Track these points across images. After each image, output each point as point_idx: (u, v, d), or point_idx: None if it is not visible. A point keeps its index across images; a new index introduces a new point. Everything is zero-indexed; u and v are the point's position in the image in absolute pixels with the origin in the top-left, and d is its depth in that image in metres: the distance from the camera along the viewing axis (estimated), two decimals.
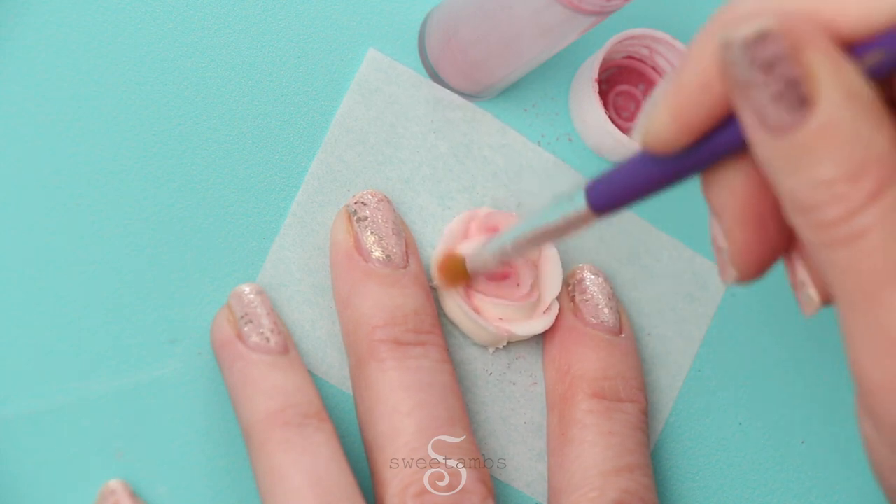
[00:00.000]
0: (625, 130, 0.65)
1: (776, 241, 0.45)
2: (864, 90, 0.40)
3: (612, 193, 0.47)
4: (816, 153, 0.40)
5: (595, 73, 0.62)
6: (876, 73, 0.41)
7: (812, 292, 0.46)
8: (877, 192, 0.40)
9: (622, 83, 0.66)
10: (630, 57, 0.65)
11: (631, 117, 0.66)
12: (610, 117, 0.64)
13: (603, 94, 0.65)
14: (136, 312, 0.57)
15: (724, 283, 0.47)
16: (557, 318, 0.61)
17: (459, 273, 0.58)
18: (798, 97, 0.40)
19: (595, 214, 0.48)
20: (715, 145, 0.43)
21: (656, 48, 0.65)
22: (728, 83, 0.41)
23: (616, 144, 0.63)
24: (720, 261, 0.46)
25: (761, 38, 0.40)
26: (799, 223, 0.41)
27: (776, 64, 0.40)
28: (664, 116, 0.43)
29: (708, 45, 0.42)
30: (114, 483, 0.55)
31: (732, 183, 0.44)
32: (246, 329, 0.56)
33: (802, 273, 0.46)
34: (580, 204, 0.48)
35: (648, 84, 0.66)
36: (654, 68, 0.66)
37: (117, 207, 0.57)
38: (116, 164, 0.58)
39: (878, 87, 0.41)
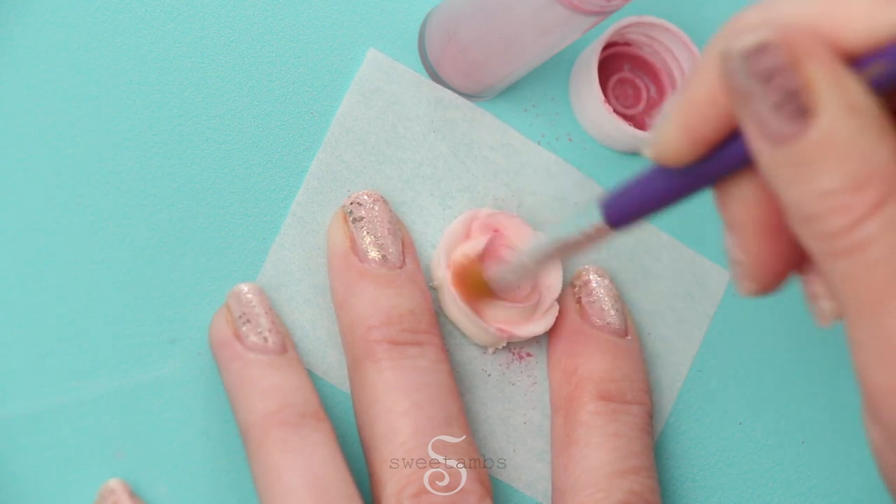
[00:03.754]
0: (624, 118, 0.65)
1: (791, 254, 0.45)
2: (865, 101, 0.40)
3: (626, 207, 0.48)
4: (818, 163, 0.40)
5: (595, 61, 0.63)
6: (878, 85, 0.41)
7: (826, 304, 0.46)
8: (879, 202, 0.40)
9: (622, 71, 0.66)
10: (629, 44, 0.65)
11: (630, 105, 0.66)
12: (610, 104, 0.64)
13: (602, 82, 0.65)
14: (136, 312, 0.57)
15: (741, 296, 0.47)
16: (563, 320, 0.61)
17: (481, 285, 0.59)
18: (798, 108, 0.40)
19: (611, 228, 0.49)
20: (725, 158, 0.44)
21: (655, 35, 0.65)
22: (729, 93, 0.41)
23: (616, 132, 0.63)
24: (736, 274, 0.46)
25: (760, 48, 0.40)
26: (802, 233, 0.41)
27: (775, 74, 0.40)
28: (674, 130, 0.43)
29: (715, 58, 0.42)
30: (113, 483, 0.55)
31: (745, 196, 0.44)
32: (244, 329, 0.56)
33: (817, 285, 0.46)
34: (596, 218, 0.49)
35: (648, 71, 0.66)
36: (653, 55, 0.66)
37: (117, 207, 0.58)
38: (116, 164, 0.58)
39: (881, 100, 0.41)
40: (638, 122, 0.65)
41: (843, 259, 0.40)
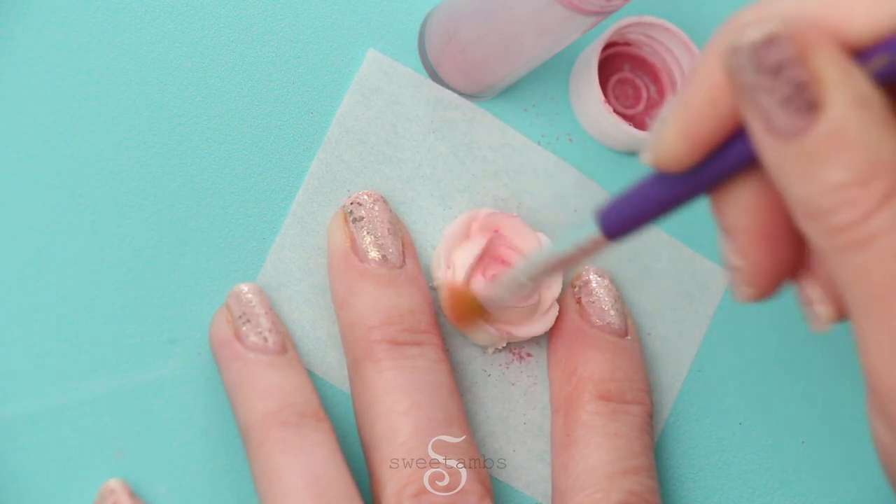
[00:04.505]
0: (624, 118, 0.65)
1: (789, 258, 0.45)
2: (872, 94, 0.40)
3: (623, 217, 0.47)
4: (826, 157, 0.40)
5: (595, 61, 0.63)
6: (881, 79, 0.41)
7: (821, 309, 0.46)
8: (888, 195, 0.39)
9: (622, 71, 0.66)
10: (629, 44, 0.65)
11: (631, 105, 0.66)
12: (610, 104, 0.64)
13: (602, 82, 0.65)
14: (136, 312, 0.57)
15: (739, 301, 0.47)
16: (563, 320, 0.61)
17: (474, 308, 0.58)
18: (806, 101, 0.40)
19: (608, 240, 0.48)
20: (725, 161, 0.43)
21: (655, 35, 0.65)
22: (735, 90, 0.41)
23: (616, 132, 0.63)
24: (733, 280, 0.46)
25: (769, 41, 0.40)
26: (810, 229, 0.41)
27: (784, 68, 0.40)
28: (673, 133, 0.43)
29: (714, 60, 0.42)
30: (113, 483, 0.55)
31: (744, 201, 0.44)
32: (244, 329, 0.56)
33: (812, 290, 0.46)
34: (592, 231, 0.48)
35: (648, 71, 0.66)
36: (653, 55, 0.66)
37: (117, 207, 0.58)
38: (116, 164, 0.58)
39: (884, 93, 0.41)
40: (638, 122, 0.65)
41: (852, 254, 0.40)
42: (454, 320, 0.59)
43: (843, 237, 0.40)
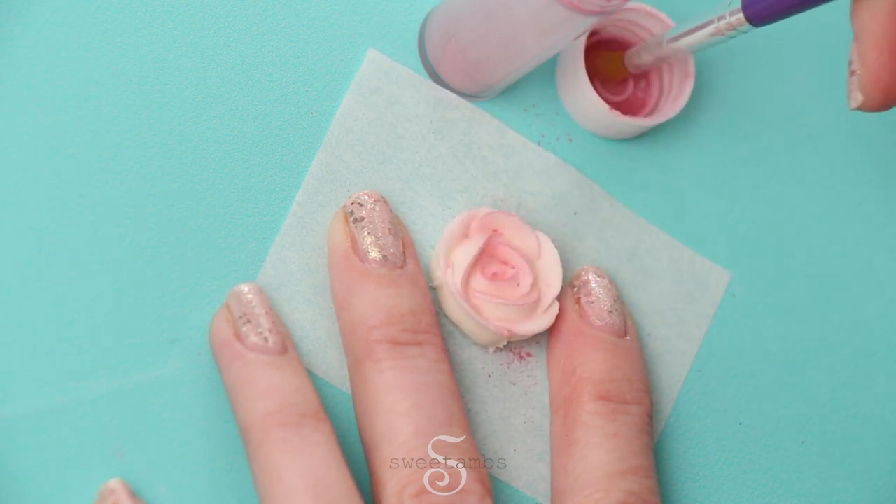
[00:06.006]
0: (610, 103, 0.64)
1: None
2: None
3: (767, 3, 0.50)
4: None
5: (581, 47, 0.62)
6: None
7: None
8: None
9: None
10: (616, 29, 0.65)
11: (617, 91, 0.65)
12: (596, 90, 0.64)
13: (589, 69, 0.65)
14: (136, 312, 0.57)
15: (850, 108, 0.48)
16: (562, 320, 0.61)
17: (619, 66, 0.61)
18: None
19: (749, 21, 0.50)
20: None
21: (641, 21, 0.64)
22: None
23: (601, 116, 0.63)
24: (851, 84, 0.48)
25: None
26: None
27: None
28: None
29: None
30: (113, 483, 0.55)
31: (876, 7, 0.46)
32: (244, 329, 0.56)
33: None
34: (736, 9, 0.51)
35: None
36: (634, 38, 0.65)
37: (117, 207, 0.58)
38: (116, 164, 0.58)
39: None
40: (625, 108, 0.65)
41: None
42: (596, 73, 0.62)
43: None
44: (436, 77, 0.62)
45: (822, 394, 0.66)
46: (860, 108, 0.48)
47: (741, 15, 0.51)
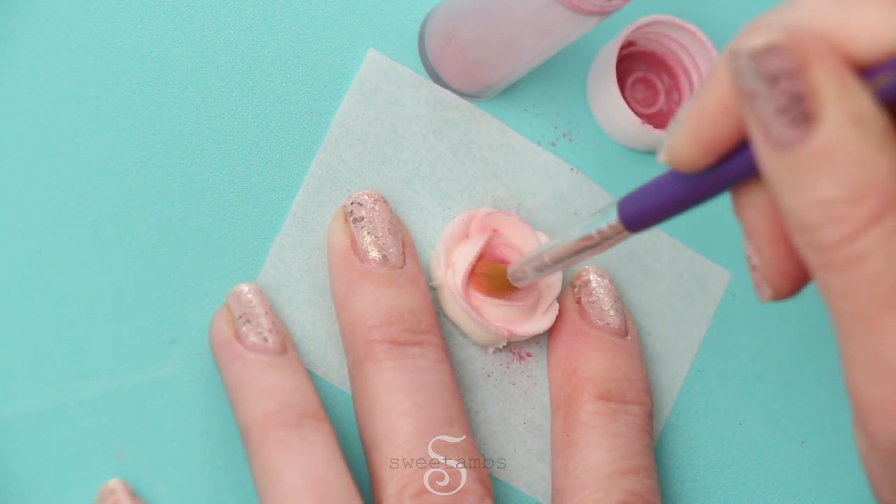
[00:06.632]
0: (641, 116, 0.65)
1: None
2: (870, 112, 0.39)
3: (642, 210, 0.48)
4: (817, 172, 0.39)
5: (613, 62, 0.63)
6: (885, 97, 0.40)
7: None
8: (877, 216, 0.39)
9: (639, 70, 0.66)
10: (644, 44, 0.66)
11: (648, 104, 0.66)
12: (628, 104, 0.64)
13: (620, 83, 0.65)
14: (136, 312, 0.57)
15: (761, 302, 0.47)
16: (562, 320, 0.62)
17: (502, 284, 0.59)
18: (802, 113, 0.40)
19: (626, 229, 0.49)
20: (738, 165, 0.44)
21: (671, 34, 0.65)
22: (737, 93, 0.41)
23: (634, 130, 0.63)
24: (755, 279, 0.46)
25: (768, 50, 0.40)
26: (798, 242, 0.41)
27: (781, 77, 0.40)
28: (686, 136, 0.43)
29: (726, 59, 0.42)
30: (113, 483, 0.55)
31: (759, 202, 0.44)
32: (244, 329, 0.56)
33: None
34: (612, 220, 0.50)
35: (665, 70, 0.66)
36: (668, 53, 0.66)
37: (117, 207, 0.58)
38: (116, 164, 0.58)
39: (888, 113, 0.41)
40: (656, 121, 0.65)
41: (837, 273, 0.40)
42: (480, 289, 0.59)
43: (830, 255, 0.40)
44: (436, 77, 0.62)
45: (822, 394, 0.66)
46: (772, 300, 0.47)
47: (618, 224, 0.49)
